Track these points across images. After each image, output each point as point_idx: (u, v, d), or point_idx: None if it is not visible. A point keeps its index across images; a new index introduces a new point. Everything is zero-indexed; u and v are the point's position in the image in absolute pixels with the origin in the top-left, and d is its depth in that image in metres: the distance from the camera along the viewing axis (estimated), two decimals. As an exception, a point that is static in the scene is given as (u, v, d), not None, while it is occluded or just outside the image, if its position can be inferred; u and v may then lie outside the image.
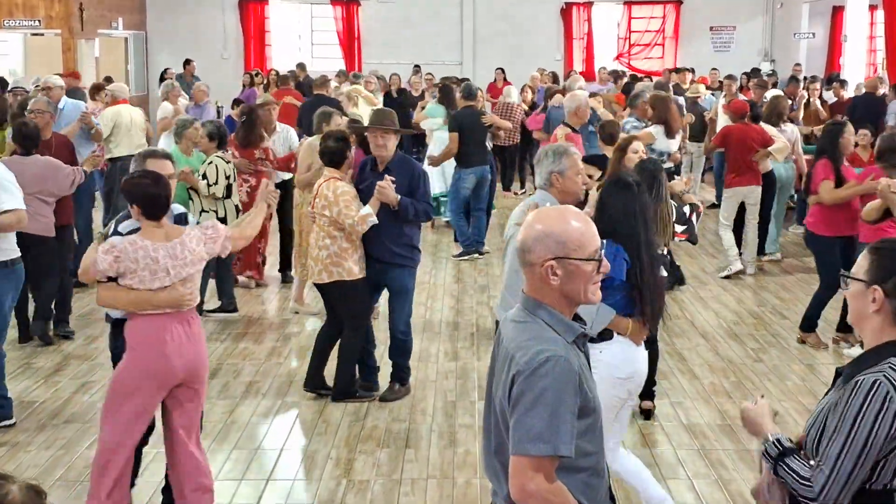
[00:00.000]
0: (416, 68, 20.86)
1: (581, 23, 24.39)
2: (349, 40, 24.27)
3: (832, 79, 18.81)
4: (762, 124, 11.61)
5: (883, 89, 16.25)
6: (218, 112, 17.52)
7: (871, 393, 2.98)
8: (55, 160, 8.50)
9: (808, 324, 8.92)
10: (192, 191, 9.28)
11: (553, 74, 19.49)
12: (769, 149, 11.16)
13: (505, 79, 19.56)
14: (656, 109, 10.89)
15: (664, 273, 5.35)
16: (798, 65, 21.12)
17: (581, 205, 5.76)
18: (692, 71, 19.75)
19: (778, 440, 3.22)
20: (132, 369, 5.13)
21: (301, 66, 20.55)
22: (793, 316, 9.61)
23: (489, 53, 23.27)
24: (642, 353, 5.20)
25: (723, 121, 13.52)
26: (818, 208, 8.76)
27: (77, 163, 9.33)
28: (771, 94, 14.74)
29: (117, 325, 5.36)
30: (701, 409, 7.42)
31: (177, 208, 5.50)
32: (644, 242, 4.98)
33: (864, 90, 16.27)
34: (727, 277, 11.20)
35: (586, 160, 8.42)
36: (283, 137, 10.97)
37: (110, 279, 5.09)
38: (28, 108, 9.74)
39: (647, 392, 7.01)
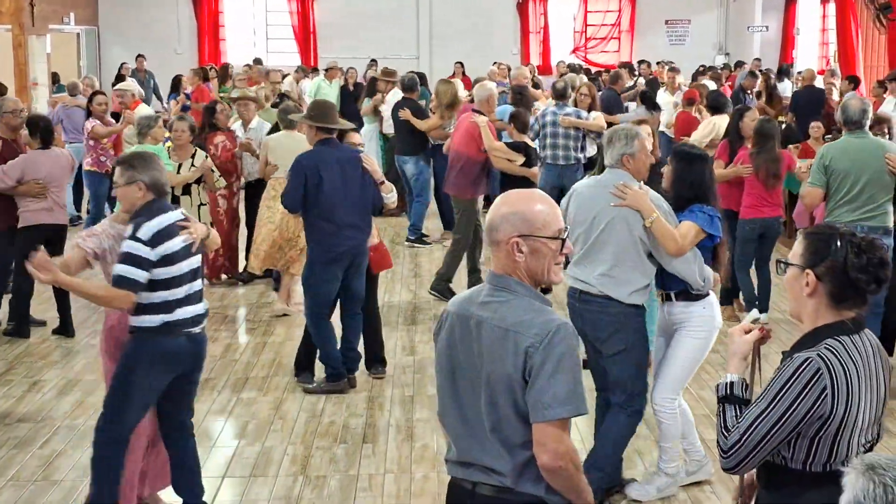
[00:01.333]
0: (373, 62, 20.79)
1: (537, 17, 24.44)
2: (305, 34, 24.16)
3: (781, 71, 18.99)
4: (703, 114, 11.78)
5: (835, 81, 16.43)
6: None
7: (801, 368, 3.06)
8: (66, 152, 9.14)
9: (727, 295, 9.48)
10: (195, 184, 9.40)
11: (508, 68, 19.52)
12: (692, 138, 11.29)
13: (464, 73, 19.53)
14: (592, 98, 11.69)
15: None
16: (758, 59, 21.29)
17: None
18: (648, 64, 19.84)
19: (731, 384, 3.27)
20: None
21: (257, 60, 20.41)
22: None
23: (446, 48, 23.26)
24: (717, 301, 5.88)
25: (667, 113, 13.63)
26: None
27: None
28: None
29: None
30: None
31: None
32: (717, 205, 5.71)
33: (810, 83, 16.40)
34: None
35: (510, 146, 10.04)
36: (256, 132, 10.91)
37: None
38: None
39: None
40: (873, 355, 3.19)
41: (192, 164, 9.37)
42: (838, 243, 3.13)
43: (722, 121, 10.86)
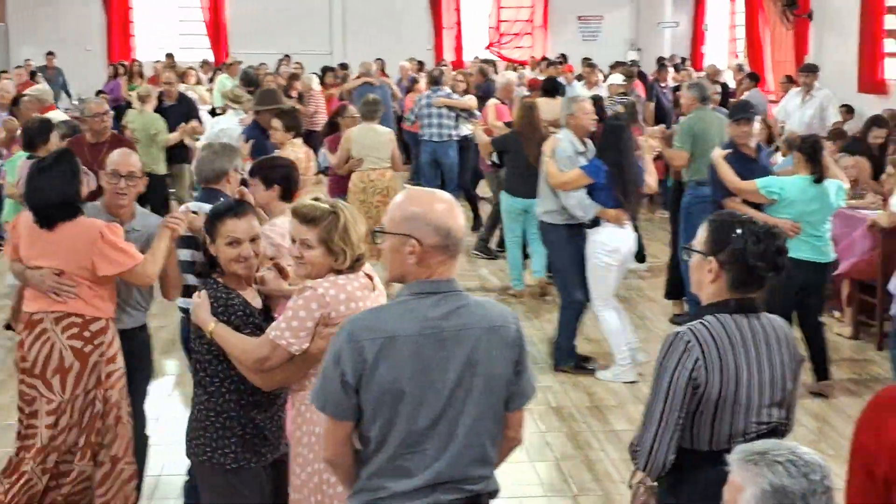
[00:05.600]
0: (286, 58, 20.61)
1: (450, 12, 24.44)
2: (216, 30, 23.87)
3: (677, 67, 19.27)
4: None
5: (740, 76, 16.70)
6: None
7: (673, 343, 3.16)
8: None
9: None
10: None
11: (420, 63, 19.51)
12: None
13: (383, 70, 19.42)
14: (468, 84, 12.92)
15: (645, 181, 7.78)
16: (674, 56, 21.53)
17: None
18: (565, 58, 19.98)
19: None
20: None
21: (169, 56, 20.09)
22: (659, 298, 9.78)
23: (360, 43, 23.13)
24: (624, 234, 7.49)
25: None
26: None
27: None
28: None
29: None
30: (570, 392, 7.50)
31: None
32: (624, 162, 7.38)
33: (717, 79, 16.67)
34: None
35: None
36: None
37: None
38: None
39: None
40: (767, 338, 3.24)
41: None
42: (738, 231, 3.19)
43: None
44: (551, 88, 11.45)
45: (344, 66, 19.11)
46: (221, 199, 5.08)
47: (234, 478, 4.06)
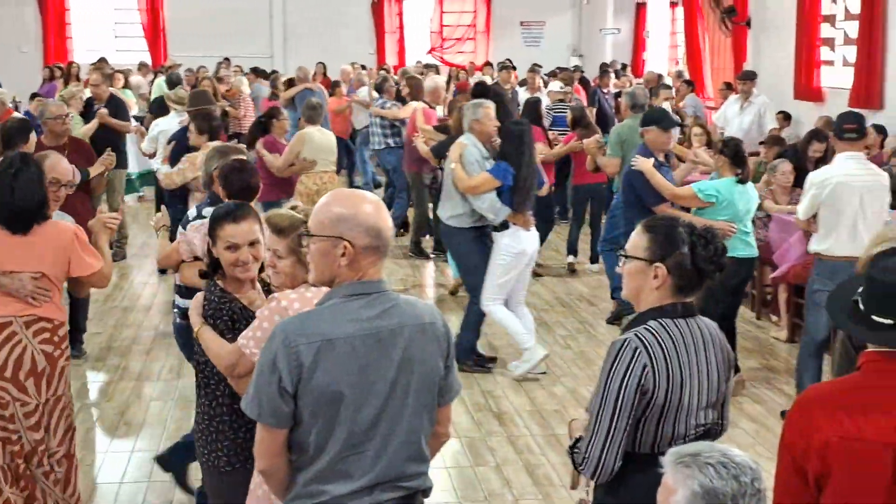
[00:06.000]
0: (225, 61, 20.42)
1: (393, 16, 24.41)
2: (154, 32, 23.60)
3: (618, 74, 19.42)
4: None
5: (678, 83, 16.85)
6: (16, 107, 16.70)
7: (621, 349, 3.14)
8: None
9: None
10: None
11: (363, 68, 19.43)
12: None
13: (325, 73, 19.32)
14: (411, 89, 12.60)
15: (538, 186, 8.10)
16: (614, 62, 21.67)
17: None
18: (513, 67, 20.02)
19: (578, 437, 3.32)
20: None
21: (102, 59, 19.79)
22: (601, 303, 9.81)
23: (301, 47, 23.01)
24: (530, 236, 7.74)
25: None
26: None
27: None
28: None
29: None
30: (511, 396, 7.49)
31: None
32: (525, 165, 7.53)
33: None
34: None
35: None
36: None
37: (196, 259, 5.19)
38: None
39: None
40: (704, 341, 3.25)
41: None
42: (684, 236, 3.20)
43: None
44: (482, 93, 11.56)
45: (274, 73, 19.03)
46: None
47: (228, 479, 4.11)
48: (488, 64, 20.88)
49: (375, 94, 15.41)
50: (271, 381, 2.96)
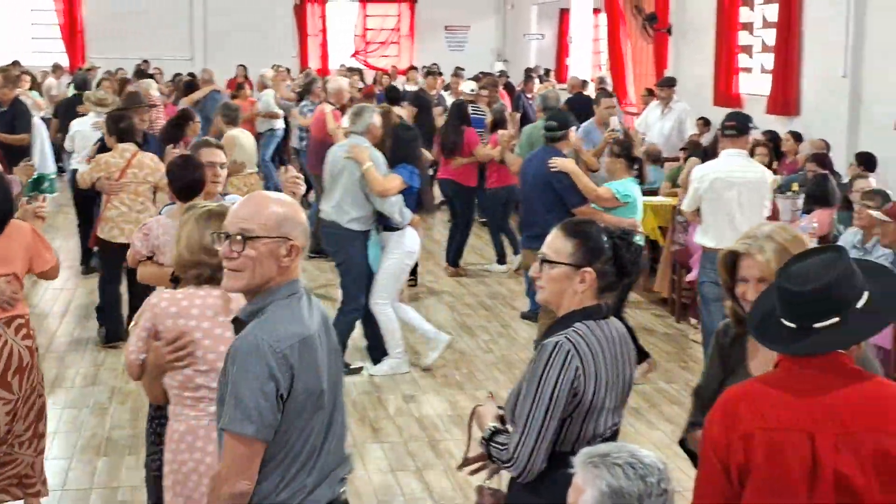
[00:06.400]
0: (144, 63, 20.12)
1: (315, 19, 24.28)
2: (72, 33, 23.17)
3: (541, 78, 19.58)
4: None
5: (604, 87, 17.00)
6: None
7: (553, 353, 3.16)
8: None
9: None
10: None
11: (287, 71, 19.29)
12: None
13: (246, 76, 19.12)
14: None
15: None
16: (538, 66, 21.81)
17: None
18: (439, 73, 20.06)
19: (491, 427, 3.35)
20: None
21: (15, 62, 19.35)
22: (522, 307, 9.84)
23: (222, 49, 22.73)
24: (417, 237, 7.96)
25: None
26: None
27: None
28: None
29: None
30: (432, 401, 7.46)
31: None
32: (422, 169, 7.93)
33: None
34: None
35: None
36: None
37: (149, 258, 5.27)
38: None
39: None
40: (618, 341, 3.31)
41: None
42: (607, 239, 3.27)
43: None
44: (395, 97, 11.79)
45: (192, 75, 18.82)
46: None
47: None
48: (413, 68, 20.91)
49: (292, 96, 15.41)
50: (268, 393, 2.92)
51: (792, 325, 2.73)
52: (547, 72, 21.41)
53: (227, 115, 10.20)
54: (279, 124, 15.03)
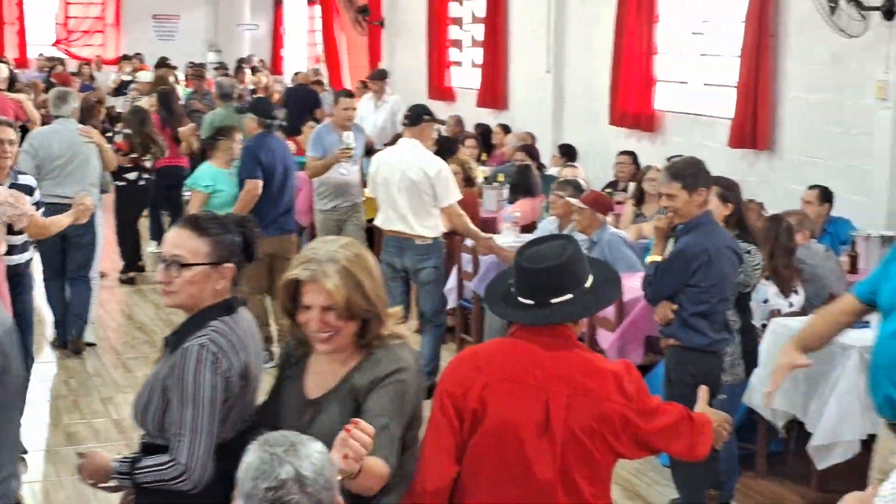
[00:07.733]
0: None
1: (12, 6, 22.83)
2: None
3: (255, 70, 19.37)
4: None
5: (320, 78, 16.94)
6: None
7: (200, 355, 3.04)
8: None
9: None
10: None
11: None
12: None
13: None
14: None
15: None
16: (251, 57, 21.44)
17: None
18: (141, 58, 19.35)
19: (121, 460, 3.13)
20: None
21: None
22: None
23: None
24: None
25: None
26: None
27: None
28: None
29: None
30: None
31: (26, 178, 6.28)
32: None
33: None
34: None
35: None
36: None
37: None
38: None
39: None
40: (249, 326, 3.26)
41: None
42: (234, 229, 3.20)
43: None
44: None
45: None
46: None
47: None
48: (125, 58, 20.09)
49: None
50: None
51: (530, 301, 3.07)
52: (262, 63, 21.10)
53: None
54: None
